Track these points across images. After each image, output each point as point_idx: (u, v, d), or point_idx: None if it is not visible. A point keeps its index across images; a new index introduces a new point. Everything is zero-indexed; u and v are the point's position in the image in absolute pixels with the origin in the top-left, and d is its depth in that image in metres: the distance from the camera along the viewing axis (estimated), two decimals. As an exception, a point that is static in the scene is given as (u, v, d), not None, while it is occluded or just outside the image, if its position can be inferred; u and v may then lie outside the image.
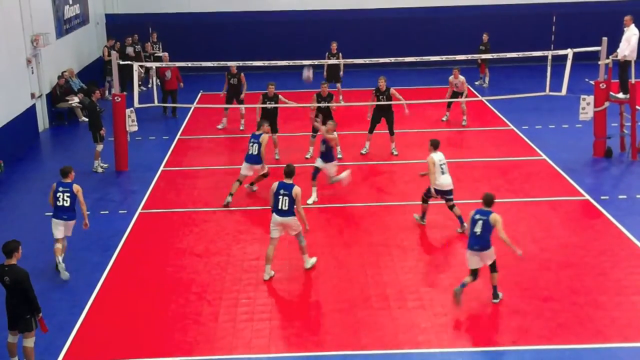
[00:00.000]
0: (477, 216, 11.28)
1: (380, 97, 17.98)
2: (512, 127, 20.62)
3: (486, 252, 11.15)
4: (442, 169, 13.69)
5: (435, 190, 13.73)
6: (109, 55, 23.16)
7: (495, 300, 11.29)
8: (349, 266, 12.62)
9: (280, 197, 12.05)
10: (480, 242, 11.10)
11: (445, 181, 13.67)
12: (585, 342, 10.20)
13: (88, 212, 13.04)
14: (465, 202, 15.20)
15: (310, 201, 15.13)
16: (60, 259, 12.43)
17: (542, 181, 16.38)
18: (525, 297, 11.41)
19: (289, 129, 20.38)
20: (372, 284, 11.94)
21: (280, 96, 18.14)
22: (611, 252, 12.89)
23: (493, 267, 11.28)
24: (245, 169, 15.41)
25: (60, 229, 12.62)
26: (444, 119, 21.21)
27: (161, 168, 17.93)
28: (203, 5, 29.04)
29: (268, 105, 18.02)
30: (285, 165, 12.29)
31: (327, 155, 15.47)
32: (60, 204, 12.69)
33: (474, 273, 11.23)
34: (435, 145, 13.82)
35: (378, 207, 15.15)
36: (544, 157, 18.00)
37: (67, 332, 10.68)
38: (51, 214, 12.97)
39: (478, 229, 11.12)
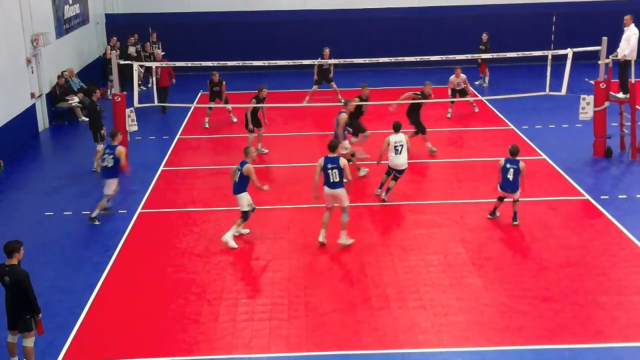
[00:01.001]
0: (508, 165, 13.90)
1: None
2: (512, 127, 20.62)
3: (516, 193, 13.90)
4: (396, 149, 15.03)
5: (390, 167, 15.17)
6: (111, 53, 23.23)
7: (515, 223, 13.90)
8: (349, 266, 12.62)
9: (330, 170, 12.99)
10: (512, 186, 13.88)
11: (399, 161, 15.05)
12: (585, 342, 10.20)
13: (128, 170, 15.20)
14: (465, 202, 15.23)
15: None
16: (96, 213, 14.48)
17: (542, 181, 16.37)
18: (525, 297, 11.41)
19: (289, 129, 20.37)
20: (372, 284, 11.93)
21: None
22: (611, 252, 12.88)
23: (516, 201, 14.02)
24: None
25: (108, 186, 14.56)
26: (448, 115, 21.37)
27: (161, 168, 17.93)
28: (203, 5, 29.04)
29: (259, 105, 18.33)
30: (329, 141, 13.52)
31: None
32: (104, 164, 14.46)
33: (501, 199, 14.20)
34: (395, 128, 15.17)
35: (378, 207, 15.15)
36: (544, 157, 18.00)
37: (67, 332, 10.67)
38: (52, 213, 13.35)
39: (510, 176, 13.81)
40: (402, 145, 15.05)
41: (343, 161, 13.08)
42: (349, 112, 16.41)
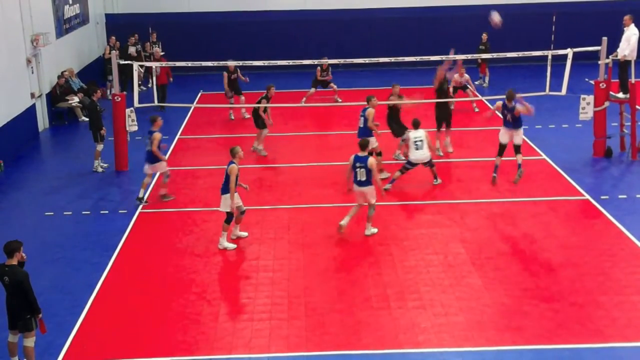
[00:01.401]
0: (506, 111, 15.27)
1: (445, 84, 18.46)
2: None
3: (518, 130, 15.33)
4: (416, 145, 15.66)
5: (412, 162, 15.81)
6: (110, 53, 23.24)
7: (518, 177, 15.10)
8: (349, 266, 12.62)
9: (357, 169, 13.37)
10: (514, 124, 15.21)
11: (419, 155, 15.72)
12: (585, 342, 10.20)
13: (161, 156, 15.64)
14: (465, 202, 15.22)
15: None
16: (143, 192, 15.52)
17: (542, 181, 16.37)
18: (525, 297, 11.41)
19: (289, 129, 20.37)
20: (372, 284, 11.94)
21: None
22: (611, 252, 12.88)
23: (518, 149, 15.18)
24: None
25: (149, 171, 15.66)
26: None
27: (161, 168, 17.91)
28: (203, 5, 29.03)
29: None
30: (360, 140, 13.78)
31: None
32: (147, 148, 15.65)
33: (502, 148, 15.45)
34: (414, 125, 15.85)
35: (378, 207, 15.11)
36: (544, 157, 18.00)
37: (67, 332, 10.67)
38: (52, 213, 13.63)
39: (510, 118, 15.18)
40: (421, 141, 15.64)
41: (371, 161, 13.37)
42: (374, 108, 16.29)
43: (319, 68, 23.06)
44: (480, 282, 11.90)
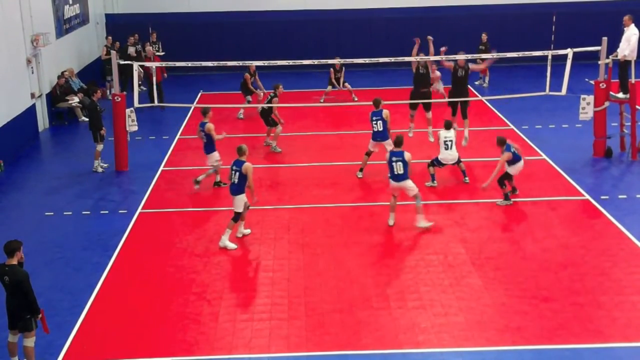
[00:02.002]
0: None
1: (460, 71, 18.30)
2: (512, 127, 20.62)
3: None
4: (445, 144, 15.96)
5: (441, 162, 16.07)
6: (107, 54, 23.25)
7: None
8: (349, 266, 12.62)
9: (394, 163, 13.63)
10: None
11: (448, 155, 16.01)
12: (585, 342, 10.20)
13: (221, 137, 16.35)
14: (465, 202, 15.23)
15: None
16: (202, 177, 16.26)
17: (542, 181, 16.37)
18: (525, 297, 11.41)
19: (289, 129, 20.36)
20: (372, 284, 11.93)
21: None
22: (611, 252, 12.88)
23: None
24: (372, 146, 16.61)
25: (209, 160, 16.28)
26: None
27: (161, 168, 17.94)
28: (203, 5, 29.03)
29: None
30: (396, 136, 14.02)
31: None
32: (204, 141, 16.14)
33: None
34: (446, 126, 16.20)
35: (378, 207, 15.14)
36: (544, 157, 17.99)
37: (67, 332, 10.67)
38: (52, 213, 13.69)
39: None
40: (451, 141, 16.01)
41: (408, 155, 13.62)
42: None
43: (332, 69, 23.42)
44: (480, 282, 11.90)
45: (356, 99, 23.32)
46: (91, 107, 18.20)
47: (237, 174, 13.19)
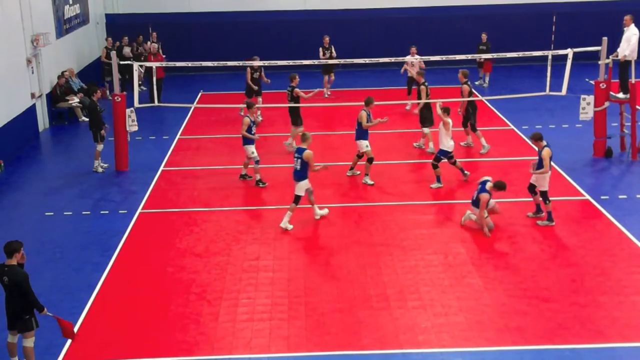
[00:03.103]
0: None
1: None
2: (512, 127, 20.62)
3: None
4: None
5: (447, 150, 15.90)
6: (106, 57, 23.30)
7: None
8: (349, 266, 12.62)
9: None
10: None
11: (450, 141, 15.90)
12: (585, 342, 10.20)
13: (256, 137, 16.53)
14: (465, 202, 15.21)
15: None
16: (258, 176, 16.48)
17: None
18: (525, 297, 11.41)
19: (289, 129, 20.35)
20: (372, 284, 11.93)
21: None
22: (611, 252, 12.88)
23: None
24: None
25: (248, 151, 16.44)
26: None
27: (161, 168, 17.93)
28: (203, 5, 29.04)
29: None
30: None
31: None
32: (252, 132, 16.37)
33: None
34: (445, 111, 16.12)
35: (378, 207, 15.14)
36: (544, 157, 17.97)
37: (67, 332, 10.68)
38: (52, 213, 13.70)
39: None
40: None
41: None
42: (370, 109, 16.51)
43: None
44: (480, 282, 11.90)
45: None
46: (91, 107, 18.20)
47: (299, 160, 13.94)
